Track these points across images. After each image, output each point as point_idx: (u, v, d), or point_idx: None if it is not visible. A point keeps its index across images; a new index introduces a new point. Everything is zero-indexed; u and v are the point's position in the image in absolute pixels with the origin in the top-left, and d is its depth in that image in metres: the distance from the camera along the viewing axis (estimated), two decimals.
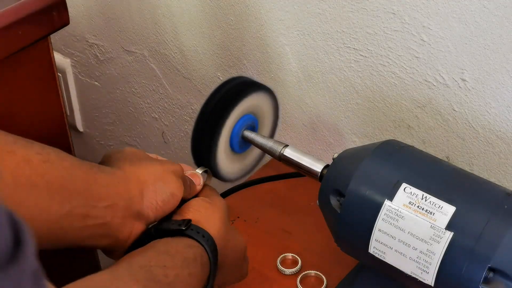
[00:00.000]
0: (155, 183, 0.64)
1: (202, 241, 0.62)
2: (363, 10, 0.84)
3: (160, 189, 0.64)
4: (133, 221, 0.63)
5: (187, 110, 1.19)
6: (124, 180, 0.63)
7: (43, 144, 0.59)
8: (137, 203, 0.63)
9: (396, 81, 0.87)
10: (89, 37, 1.27)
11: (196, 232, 0.62)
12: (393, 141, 0.72)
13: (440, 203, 0.63)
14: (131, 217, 0.62)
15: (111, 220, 0.61)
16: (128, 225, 0.62)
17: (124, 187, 0.62)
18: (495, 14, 0.74)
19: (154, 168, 0.65)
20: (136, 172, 0.64)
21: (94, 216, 0.60)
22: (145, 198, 0.63)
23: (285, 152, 0.75)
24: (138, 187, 0.63)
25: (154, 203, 0.63)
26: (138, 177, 0.63)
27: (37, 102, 0.82)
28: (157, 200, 0.64)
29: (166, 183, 0.65)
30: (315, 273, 0.82)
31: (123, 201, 0.61)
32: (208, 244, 0.62)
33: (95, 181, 0.60)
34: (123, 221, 0.62)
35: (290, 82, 0.99)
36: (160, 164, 0.66)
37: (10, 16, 0.74)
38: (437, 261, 0.62)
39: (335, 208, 0.69)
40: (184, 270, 0.58)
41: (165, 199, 0.64)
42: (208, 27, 1.05)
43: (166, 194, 0.64)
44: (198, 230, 0.62)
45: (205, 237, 0.62)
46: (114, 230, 0.61)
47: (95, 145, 1.45)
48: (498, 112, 0.79)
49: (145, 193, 0.63)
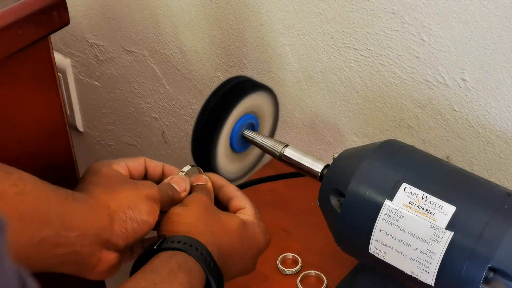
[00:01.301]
0: (126, 211, 0.65)
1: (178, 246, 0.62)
2: (363, 10, 0.84)
3: (131, 218, 0.65)
4: (102, 249, 0.64)
5: (187, 110, 1.19)
6: (96, 209, 0.64)
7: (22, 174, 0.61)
8: (107, 232, 0.64)
9: (396, 81, 0.87)
10: (89, 37, 1.27)
11: (171, 243, 0.63)
12: (393, 141, 0.72)
13: (440, 203, 0.63)
14: (100, 246, 0.64)
15: (80, 249, 0.62)
16: (97, 253, 0.64)
17: (94, 217, 0.63)
18: (495, 14, 0.74)
19: (126, 195, 0.66)
20: (108, 199, 0.65)
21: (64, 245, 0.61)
22: (115, 227, 0.64)
23: (285, 152, 0.75)
24: (108, 216, 0.64)
25: (124, 231, 0.65)
26: (109, 205, 0.64)
27: (37, 102, 0.82)
28: (127, 228, 0.65)
29: (138, 211, 0.65)
30: (315, 273, 0.82)
31: (93, 230, 0.63)
32: (186, 246, 0.63)
33: (68, 211, 0.62)
34: (92, 249, 0.63)
35: (290, 82, 0.99)
36: (133, 189, 0.67)
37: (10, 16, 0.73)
38: (437, 261, 0.62)
39: (335, 208, 0.69)
40: (173, 282, 0.59)
41: (136, 228, 0.65)
42: (208, 27, 1.05)
43: (137, 222, 0.65)
44: (173, 239, 0.63)
45: (181, 242, 0.63)
46: (82, 258, 0.63)
47: (95, 145, 1.45)
48: (498, 112, 0.79)
49: (115, 222, 0.64)
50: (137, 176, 0.72)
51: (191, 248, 0.63)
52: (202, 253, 0.63)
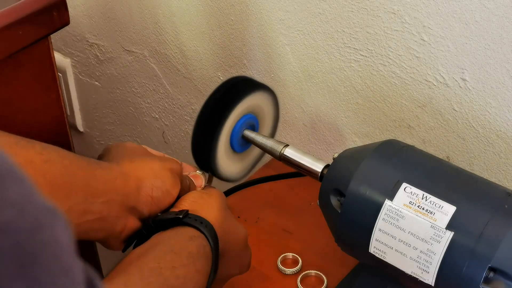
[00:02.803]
0: (151, 180, 0.65)
1: (201, 227, 0.63)
2: (364, 10, 0.84)
3: (156, 187, 0.66)
4: (128, 215, 0.64)
5: (187, 110, 1.19)
6: (122, 176, 0.64)
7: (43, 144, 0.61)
8: (133, 198, 0.64)
9: (396, 80, 0.87)
10: (89, 37, 1.27)
11: (194, 220, 0.63)
12: (394, 141, 0.72)
13: (440, 202, 0.63)
14: (126, 212, 0.64)
15: (107, 215, 0.62)
16: (123, 219, 0.64)
17: (121, 183, 0.64)
18: (495, 13, 0.74)
19: (152, 165, 0.67)
20: (134, 168, 0.65)
21: (92, 211, 0.61)
22: (141, 194, 0.65)
23: (285, 152, 0.75)
24: (135, 183, 0.65)
25: (149, 199, 0.65)
26: (135, 173, 0.65)
27: (37, 102, 0.82)
28: (152, 196, 0.65)
29: (163, 180, 0.66)
30: (315, 273, 0.82)
31: (119, 196, 0.63)
32: (207, 229, 0.63)
33: (93, 177, 0.62)
34: (119, 215, 0.63)
35: (291, 82, 0.99)
36: (159, 161, 0.68)
37: (10, 16, 0.74)
38: (437, 261, 0.62)
39: (336, 208, 0.69)
40: (191, 268, 0.59)
41: (160, 196, 0.66)
42: (208, 27, 1.05)
43: (162, 191, 0.66)
44: (196, 218, 0.64)
45: (203, 223, 0.63)
46: (109, 224, 0.63)
47: (95, 145, 1.45)
48: (499, 111, 0.79)
49: (141, 190, 0.65)
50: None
51: (211, 232, 0.63)
52: (215, 243, 0.64)
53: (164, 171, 0.67)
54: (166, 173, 0.67)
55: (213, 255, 0.63)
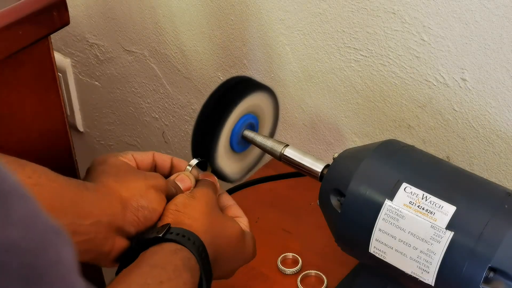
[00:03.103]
0: (137, 200, 0.66)
1: (183, 241, 0.63)
2: (364, 9, 0.84)
3: (142, 206, 0.66)
4: (115, 235, 0.65)
5: (187, 110, 1.19)
6: (108, 197, 0.65)
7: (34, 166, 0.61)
8: (119, 219, 0.65)
9: (396, 80, 0.87)
10: (89, 37, 1.27)
11: (176, 234, 0.63)
12: (394, 140, 0.72)
13: (440, 202, 0.63)
14: (113, 232, 0.64)
15: (94, 236, 0.63)
16: (110, 240, 0.64)
17: (107, 204, 0.64)
18: (495, 13, 0.74)
19: (136, 184, 0.67)
20: (119, 188, 0.66)
21: (80, 233, 0.62)
22: (127, 214, 0.65)
23: (285, 152, 0.75)
24: (120, 204, 0.65)
25: (135, 219, 0.65)
26: (120, 193, 0.65)
27: (37, 102, 0.82)
28: (138, 216, 0.66)
29: (148, 200, 0.66)
30: (315, 273, 0.82)
31: (106, 217, 0.63)
32: (190, 243, 0.63)
33: (81, 200, 0.63)
34: (106, 236, 0.64)
35: (291, 82, 0.99)
36: (142, 179, 0.68)
37: (10, 16, 0.73)
38: (437, 260, 0.62)
39: (336, 208, 0.69)
40: (179, 281, 0.60)
41: (147, 215, 0.66)
42: (208, 27, 1.05)
43: (148, 211, 0.66)
44: (178, 231, 0.64)
45: (186, 237, 0.63)
46: (97, 245, 0.63)
47: (95, 145, 1.45)
48: (499, 111, 0.79)
49: (127, 210, 0.65)
50: (144, 168, 0.73)
51: (194, 246, 0.63)
52: (202, 253, 0.63)
53: (148, 189, 0.67)
54: (150, 191, 0.67)
55: (200, 266, 0.63)
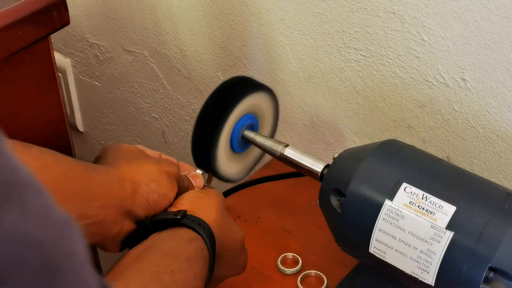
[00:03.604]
0: (148, 183, 0.65)
1: (199, 229, 0.63)
2: (364, 9, 0.84)
3: (153, 190, 0.65)
4: (124, 219, 0.64)
5: (187, 110, 1.19)
6: (118, 180, 0.64)
7: (41, 148, 0.61)
8: (129, 202, 0.64)
9: (396, 80, 0.87)
10: (89, 37, 1.27)
11: (192, 221, 0.63)
12: (394, 140, 0.72)
13: (440, 202, 0.63)
14: (122, 215, 0.64)
15: (103, 219, 0.62)
16: (119, 223, 0.64)
17: (117, 187, 0.64)
18: (495, 13, 0.74)
19: (148, 168, 0.66)
20: (131, 171, 0.65)
21: (88, 215, 0.61)
22: (137, 198, 0.65)
23: (285, 152, 0.75)
24: (131, 187, 0.64)
25: (145, 203, 0.65)
26: (132, 176, 0.65)
27: (37, 102, 0.82)
28: (148, 200, 0.65)
29: (159, 184, 0.66)
30: (315, 273, 0.82)
31: (116, 200, 0.63)
32: (205, 232, 0.63)
33: (90, 182, 0.62)
34: (115, 219, 0.63)
35: (291, 82, 0.99)
36: (155, 164, 0.68)
37: (10, 16, 0.73)
38: (437, 260, 0.62)
39: (336, 207, 0.69)
40: (189, 272, 0.59)
41: (157, 200, 0.66)
42: (208, 27, 1.05)
43: (158, 195, 0.66)
44: (194, 219, 0.63)
45: (201, 225, 0.63)
46: (105, 228, 0.63)
47: (95, 145, 1.45)
48: (499, 111, 0.79)
49: (137, 193, 0.65)
50: None
51: (208, 235, 0.63)
52: (213, 245, 0.63)
53: (161, 174, 0.66)
54: (162, 176, 0.66)
55: (210, 258, 0.63)
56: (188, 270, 0.59)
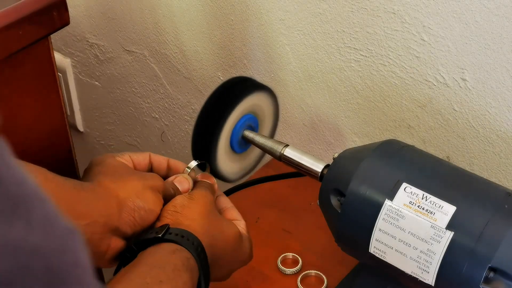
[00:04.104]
0: (133, 200, 0.66)
1: (182, 242, 0.63)
2: (364, 9, 0.84)
3: (138, 206, 0.66)
4: (111, 236, 0.65)
5: (187, 110, 1.19)
6: (104, 197, 0.65)
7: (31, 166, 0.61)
8: (115, 219, 0.65)
9: (396, 80, 0.87)
10: (89, 37, 1.27)
11: (175, 235, 0.63)
12: (394, 140, 0.72)
13: (440, 202, 0.63)
14: (109, 233, 0.64)
15: (90, 237, 0.63)
16: (106, 240, 0.64)
17: (103, 204, 0.64)
18: (495, 13, 0.74)
19: (133, 185, 0.67)
20: (116, 188, 0.66)
21: None
22: (123, 215, 0.65)
23: (285, 152, 0.75)
24: (116, 204, 0.65)
25: (132, 219, 0.65)
26: (117, 194, 0.65)
27: (37, 102, 0.82)
28: (134, 217, 0.65)
29: (145, 200, 0.66)
30: (315, 273, 0.82)
31: (102, 218, 0.63)
32: (189, 243, 0.63)
33: (77, 200, 0.63)
34: (102, 237, 0.64)
35: (291, 82, 0.99)
36: (140, 179, 0.68)
37: (10, 16, 0.73)
38: (437, 260, 0.62)
39: (336, 207, 0.69)
40: (178, 281, 0.60)
41: (143, 216, 0.66)
42: (208, 27, 1.05)
43: (144, 211, 0.66)
44: (177, 232, 0.64)
45: (185, 237, 0.63)
46: (92, 245, 0.63)
47: (95, 145, 1.45)
48: (499, 111, 0.79)
49: (123, 210, 0.65)
50: (141, 169, 0.73)
51: (193, 246, 0.63)
52: (201, 254, 0.63)
53: (145, 189, 0.67)
54: (147, 191, 0.67)
55: (199, 266, 0.63)
56: (176, 279, 0.59)
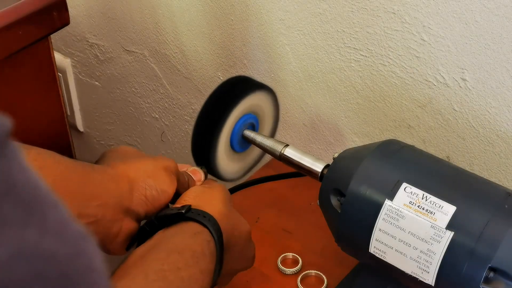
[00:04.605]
0: (144, 180, 0.65)
1: (205, 221, 0.62)
2: (364, 9, 0.84)
3: (150, 186, 0.65)
4: (123, 217, 0.64)
5: (187, 110, 1.19)
6: (115, 178, 0.64)
7: (38, 149, 0.61)
8: (127, 199, 0.64)
9: (396, 80, 0.87)
10: (89, 37, 1.27)
11: (197, 214, 0.63)
12: (394, 140, 0.72)
13: (440, 202, 0.63)
14: (121, 214, 0.64)
15: (102, 218, 0.63)
16: (118, 222, 0.64)
17: (114, 185, 0.64)
18: (495, 13, 0.74)
19: (144, 165, 0.67)
20: (127, 169, 0.66)
21: (86, 215, 0.61)
22: (134, 195, 0.65)
23: (285, 152, 0.75)
24: (127, 184, 0.65)
25: (143, 199, 0.65)
26: (128, 174, 0.65)
27: (37, 102, 0.82)
28: (146, 196, 0.65)
29: (156, 179, 0.66)
30: (315, 273, 0.82)
31: (113, 199, 0.63)
32: (211, 223, 0.62)
33: (88, 182, 0.62)
34: (113, 218, 0.64)
35: (291, 82, 0.99)
36: (151, 160, 0.68)
37: (10, 16, 0.73)
38: (437, 260, 0.62)
39: (336, 207, 0.69)
40: (195, 269, 0.59)
41: (155, 196, 0.66)
42: (208, 27, 1.05)
43: (156, 191, 0.66)
44: (199, 212, 0.63)
45: (207, 217, 0.63)
46: (104, 227, 0.63)
47: (95, 145, 1.45)
48: (499, 111, 0.79)
49: (134, 190, 0.65)
50: None
51: (214, 227, 0.63)
52: (220, 238, 0.63)
53: (157, 169, 0.67)
54: (159, 171, 0.66)
55: (217, 250, 0.62)
56: (193, 267, 0.59)
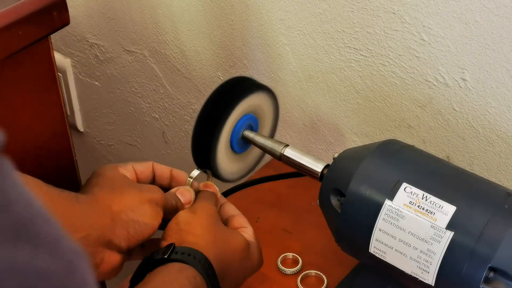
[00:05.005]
0: (127, 213, 0.65)
1: (189, 260, 0.62)
2: (364, 9, 0.84)
3: (132, 220, 0.65)
4: (104, 249, 0.64)
5: (187, 110, 1.19)
6: (98, 210, 0.64)
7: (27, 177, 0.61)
8: (109, 232, 0.64)
9: (396, 80, 0.87)
10: (89, 37, 1.27)
11: (181, 254, 0.63)
12: (394, 140, 0.72)
13: (440, 202, 0.63)
14: (102, 246, 0.64)
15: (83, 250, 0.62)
16: (100, 254, 0.64)
17: (97, 217, 0.64)
18: (495, 13, 0.74)
19: (129, 198, 0.66)
20: (111, 201, 0.65)
21: None
22: (117, 229, 0.65)
23: (285, 152, 0.75)
24: (110, 217, 0.64)
25: (125, 233, 0.65)
26: (111, 206, 0.65)
27: (37, 102, 0.82)
28: (128, 231, 0.65)
29: (140, 213, 0.66)
30: (315, 273, 0.82)
31: (95, 231, 0.63)
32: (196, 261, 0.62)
33: (71, 213, 0.62)
34: (95, 250, 0.63)
35: (291, 82, 0.99)
36: (136, 192, 0.67)
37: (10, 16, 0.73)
38: (437, 260, 0.62)
39: (336, 207, 0.69)
40: None
41: (138, 230, 0.65)
42: (208, 27, 1.05)
43: (139, 225, 0.65)
44: (183, 250, 0.63)
45: (191, 255, 0.63)
46: None
47: (95, 145, 1.45)
48: (499, 111, 0.79)
49: (117, 224, 0.65)
50: (144, 180, 0.72)
51: (200, 264, 0.62)
52: (208, 270, 0.63)
53: (142, 202, 0.66)
54: (143, 205, 0.66)
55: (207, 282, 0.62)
56: None
